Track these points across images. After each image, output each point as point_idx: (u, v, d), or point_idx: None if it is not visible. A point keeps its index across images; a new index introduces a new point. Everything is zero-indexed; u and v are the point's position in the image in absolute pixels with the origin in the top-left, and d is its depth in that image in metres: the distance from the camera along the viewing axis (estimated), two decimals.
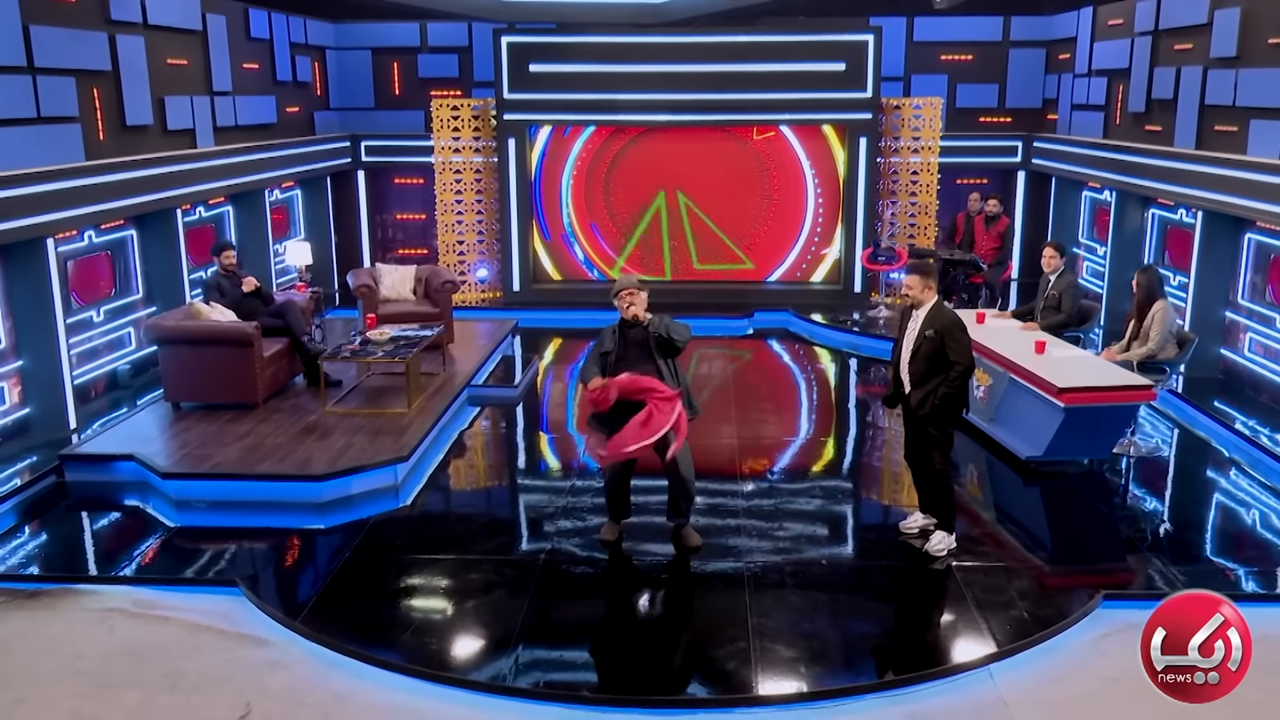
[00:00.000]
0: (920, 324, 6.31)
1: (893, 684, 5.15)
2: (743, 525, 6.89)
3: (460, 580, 6.23)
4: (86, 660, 5.41)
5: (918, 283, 6.33)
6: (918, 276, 6.35)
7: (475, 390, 9.81)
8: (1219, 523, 7.12)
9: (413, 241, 15.24)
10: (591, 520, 7.00)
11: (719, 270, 13.79)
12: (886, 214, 13.33)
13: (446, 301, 10.82)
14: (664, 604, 6.06)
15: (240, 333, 8.56)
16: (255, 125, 12.00)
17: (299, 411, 8.67)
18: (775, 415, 9.72)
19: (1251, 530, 6.96)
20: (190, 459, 7.59)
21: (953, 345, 6.21)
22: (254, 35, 12.09)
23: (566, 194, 13.69)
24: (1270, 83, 8.64)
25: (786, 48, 12.75)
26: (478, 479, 8.40)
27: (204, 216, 11.36)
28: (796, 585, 6.10)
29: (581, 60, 12.92)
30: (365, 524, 6.97)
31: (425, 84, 14.46)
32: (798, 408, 10.28)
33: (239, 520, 7.11)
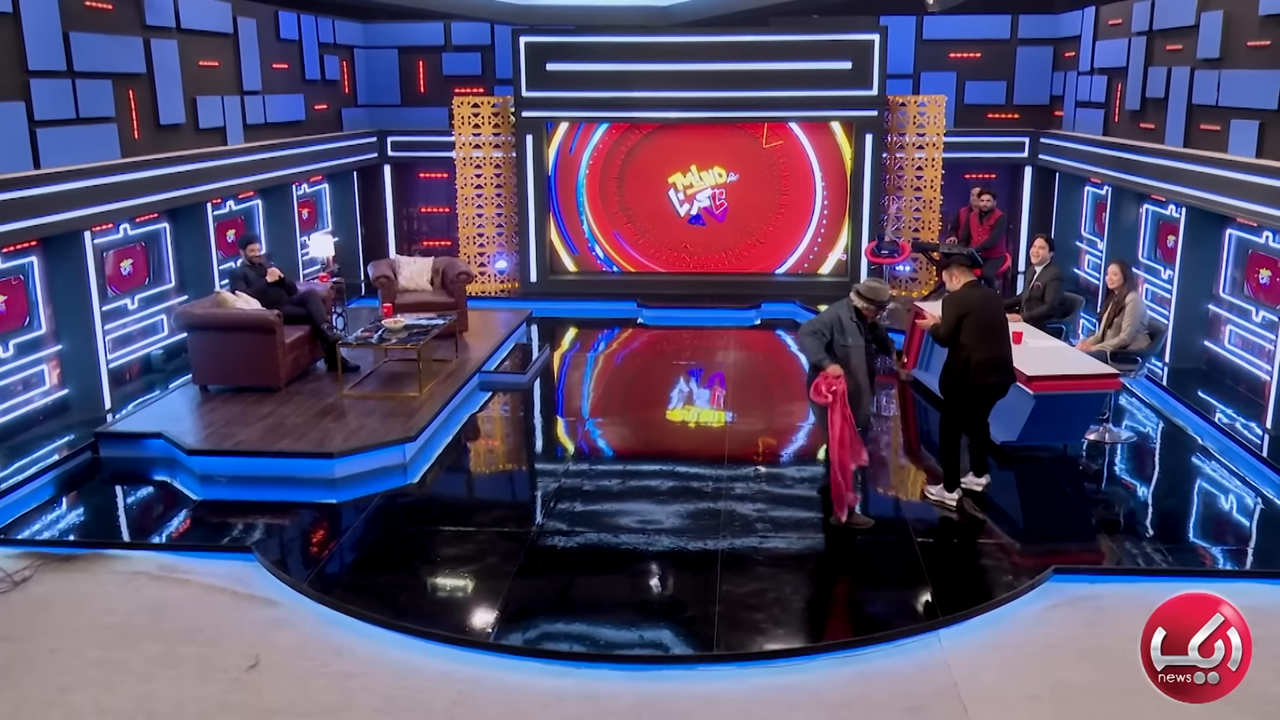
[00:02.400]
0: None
1: (843, 645, 5.58)
2: (725, 509, 7.35)
3: (456, 549, 6.74)
4: (115, 616, 5.98)
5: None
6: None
7: (486, 376, 10.32)
8: (1179, 506, 7.49)
9: (436, 233, 15.78)
10: (583, 500, 7.49)
11: (730, 261, 14.20)
12: (892, 208, 13.67)
13: (461, 292, 11.34)
14: (641, 575, 6.52)
15: (264, 320, 9.12)
16: (284, 123, 12.57)
17: (318, 395, 9.23)
18: (772, 402, 10.16)
19: (1211, 511, 7.33)
20: (214, 437, 8.17)
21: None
22: (284, 36, 12.65)
23: (582, 189, 14.15)
24: (1249, 84, 8.92)
25: (795, 47, 13.13)
26: (482, 459, 8.90)
27: (234, 210, 11.95)
28: (767, 561, 6.55)
29: (597, 60, 13.37)
30: (373, 499, 7.51)
31: (449, 81, 14.98)
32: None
33: (258, 494, 7.67)
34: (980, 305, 7.09)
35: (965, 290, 7.19)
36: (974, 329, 7.01)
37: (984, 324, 7.05)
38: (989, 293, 7.38)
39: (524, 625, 5.78)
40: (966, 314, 7.02)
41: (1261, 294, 9.26)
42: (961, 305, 7.08)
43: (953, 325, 7.06)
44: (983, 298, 7.19)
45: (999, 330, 7.14)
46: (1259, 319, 9.23)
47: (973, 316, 7.03)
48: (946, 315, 7.15)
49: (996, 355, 7.08)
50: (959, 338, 7.05)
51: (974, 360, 7.00)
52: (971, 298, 7.13)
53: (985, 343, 7.04)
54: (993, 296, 7.38)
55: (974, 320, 7.02)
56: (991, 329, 7.08)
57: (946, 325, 7.12)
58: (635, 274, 14.21)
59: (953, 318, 7.07)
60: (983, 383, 7.09)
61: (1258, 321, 9.25)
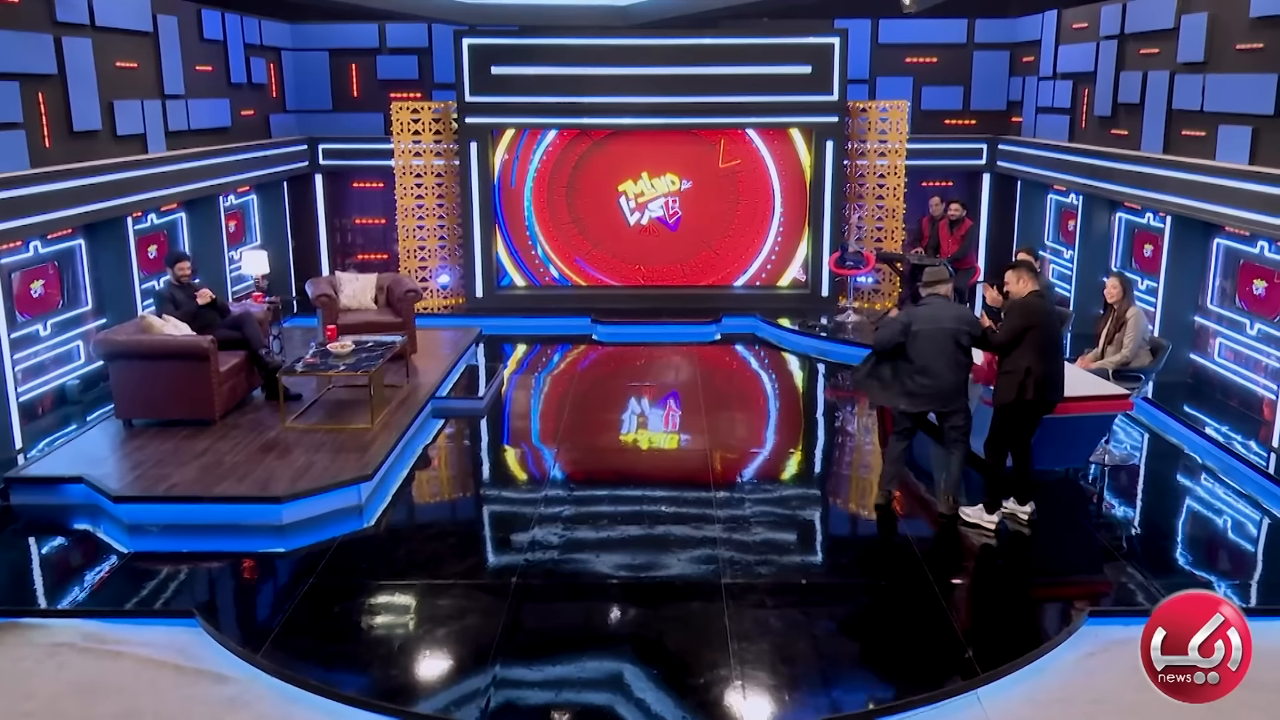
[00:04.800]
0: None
1: (877, 713, 5.00)
2: (720, 538, 6.73)
3: (430, 606, 6.02)
4: (34, 700, 5.14)
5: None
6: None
7: (440, 402, 9.57)
8: (1203, 534, 7.08)
9: (373, 246, 14.94)
10: (566, 537, 6.83)
11: (685, 274, 13.62)
12: (853, 218, 13.24)
13: (409, 310, 10.57)
14: (639, 628, 5.86)
15: (195, 346, 8.26)
16: (209, 129, 11.66)
17: (258, 428, 8.39)
18: (747, 423, 9.60)
19: (1239, 540, 6.94)
20: (144, 480, 7.29)
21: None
22: (207, 36, 11.74)
23: (529, 198, 13.47)
24: (1239, 87, 8.62)
25: (753, 50, 12.63)
26: (444, 496, 8.17)
27: (156, 224, 11.01)
28: (776, 606, 5.95)
29: (545, 63, 12.72)
30: (329, 547, 6.73)
31: (384, 86, 14.17)
32: (768, 416, 10.15)
33: (196, 545, 6.81)
34: (1045, 319, 6.73)
35: (1032, 300, 6.81)
36: (1036, 342, 6.64)
37: (1048, 338, 6.70)
38: (1051, 306, 7.03)
39: (518, 698, 5.08)
40: (1032, 327, 6.64)
41: (1258, 306, 8.94)
42: (1029, 317, 6.69)
43: (1016, 334, 6.68)
44: (1047, 311, 6.84)
45: (1057, 346, 6.82)
46: (1254, 332, 8.92)
47: (1038, 332, 6.65)
48: (1011, 322, 6.77)
49: (1054, 371, 6.74)
50: (1017, 347, 6.66)
51: (1035, 373, 6.62)
52: (1039, 309, 6.76)
53: (1045, 357, 6.67)
54: (1054, 311, 7.02)
55: (1039, 335, 6.64)
56: (1051, 344, 6.74)
57: (1009, 332, 6.72)
58: (588, 288, 13.55)
59: (1019, 327, 6.69)
60: (1038, 398, 6.71)
61: (1253, 334, 8.94)
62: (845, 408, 10.21)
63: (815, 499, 7.89)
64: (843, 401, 10.35)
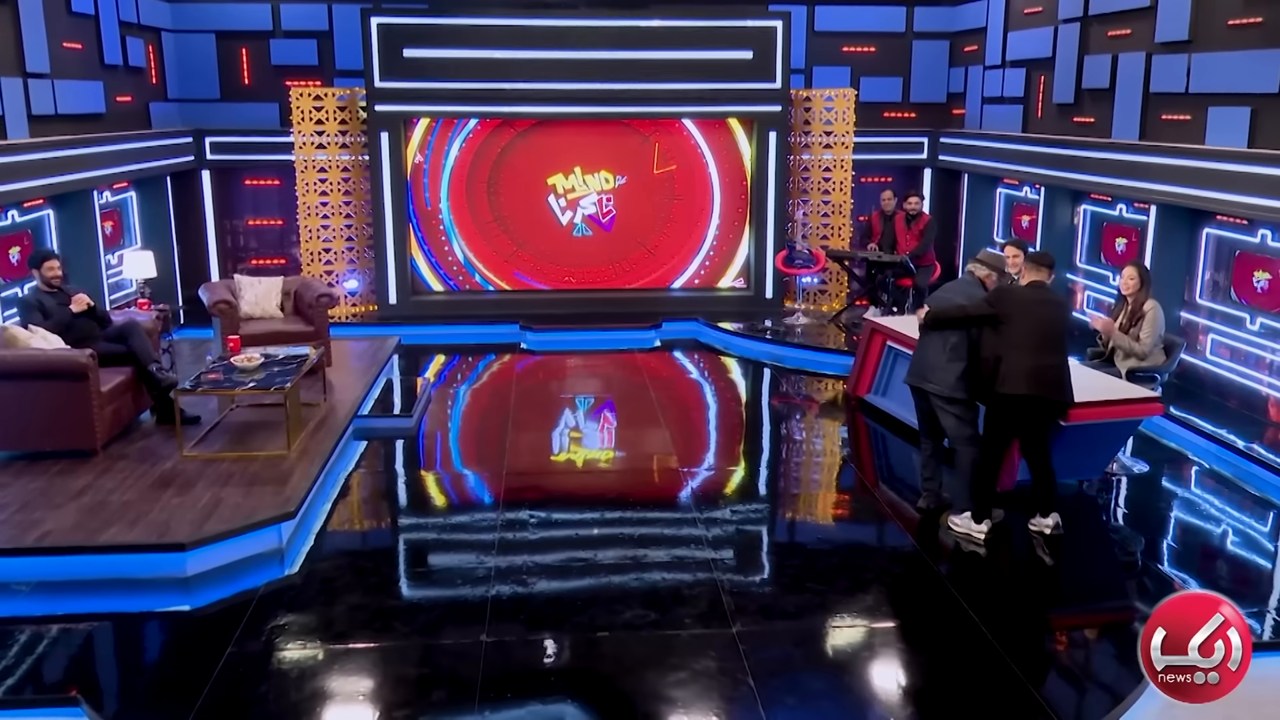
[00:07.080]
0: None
1: None
2: (714, 560, 5.75)
3: (379, 679, 4.85)
4: None
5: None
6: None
7: (364, 422, 8.36)
8: (1252, 552, 6.36)
9: (268, 250, 13.53)
10: (533, 579, 5.75)
11: (620, 275, 12.63)
12: (798, 214, 12.45)
13: (323, 318, 9.32)
14: (640, 696, 4.83)
15: (71, 363, 6.90)
16: (80, 115, 10.19)
17: (150, 458, 7.07)
18: (706, 436, 8.66)
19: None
20: (10, 528, 5.93)
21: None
22: (76, 10, 10.26)
23: (446, 195, 12.29)
24: (1235, 66, 8.06)
25: (690, 34, 11.73)
26: (379, 534, 6.93)
27: (18, 222, 9.51)
28: (804, 657, 5.00)
29: (464, 45, 11.59)
30: (248, 601, 5.51)
31: (279, 72, 12.85)
32: (728, 427, 9.23)
33: (78, 606, 5.52)
34: (1026, 310, 6.02)
35: (1018, 289, 6.23)
36: (1010, 334, 5.94)
37: (1031, 330, 5.94)
38: (1049, 297, 6.18)
39: None
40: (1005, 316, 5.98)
41: (1259, 299, 8.37)
42: (1001, 304, 6.03)
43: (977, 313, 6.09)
44: (1035, 301, 6.06)
45: (1049, 339, 5.99)
46: (1256, 326, 8.36)
47: (1014, 324, 5.94)
48: (979, 301, 6.16)
49: (1042, 367, 5.93)
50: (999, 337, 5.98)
51: (1005, 364, 5.93)
52: (1021, 299, 6.07)
53: (1025, 351, 5.92)
54: (1052, 303, 6.17)
55: (1014, 327, 5.94)
56: (1037, 337, 5.95)
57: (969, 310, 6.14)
58: (514, 292, 12.43)
59: (984, 307, 6.08)
60: (1012, 392, 5.94)
61: (1254, 329, 8.38)
62: (795, 416, 9.38)
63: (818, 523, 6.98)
64: (794, 409, 9.52)
